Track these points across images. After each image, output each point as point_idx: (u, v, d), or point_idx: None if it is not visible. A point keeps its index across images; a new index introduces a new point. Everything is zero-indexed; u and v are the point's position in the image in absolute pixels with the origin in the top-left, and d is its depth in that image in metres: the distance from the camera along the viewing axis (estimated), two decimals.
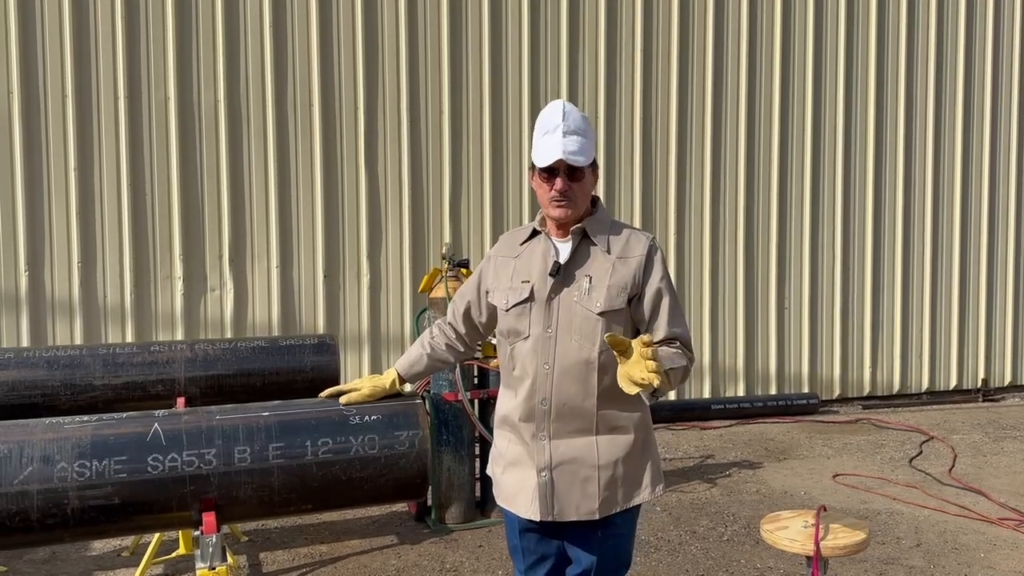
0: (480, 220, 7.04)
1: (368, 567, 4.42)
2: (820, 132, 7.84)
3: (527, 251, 2.53)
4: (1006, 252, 8.48)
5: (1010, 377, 8.59)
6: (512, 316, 2.48)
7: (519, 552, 2.59)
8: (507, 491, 2.54)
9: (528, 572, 2.59)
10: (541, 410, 2.43)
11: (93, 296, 6.24)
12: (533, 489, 2.45)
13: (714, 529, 4.94)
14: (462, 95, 6.96)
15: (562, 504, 2.44)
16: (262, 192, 6.54)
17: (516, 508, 2.51)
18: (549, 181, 2.42)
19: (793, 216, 7.82)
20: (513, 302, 2.47)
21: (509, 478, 2.53)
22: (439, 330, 2.82)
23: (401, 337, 6.83)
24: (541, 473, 2.44)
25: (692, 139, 7.51)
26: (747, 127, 7.62)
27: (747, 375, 7.76)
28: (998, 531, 4.88)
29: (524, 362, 2.46)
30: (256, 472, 2.87)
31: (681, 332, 2.46)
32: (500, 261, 2.59)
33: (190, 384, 4.37)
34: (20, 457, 2.68)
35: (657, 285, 2.44)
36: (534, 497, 2.45)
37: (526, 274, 2.49)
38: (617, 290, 2.40)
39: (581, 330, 2.40)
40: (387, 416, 3.02)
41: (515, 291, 2.48)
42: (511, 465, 2.53)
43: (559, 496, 2.44)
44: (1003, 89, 8.34)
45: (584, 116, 2.46)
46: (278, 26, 6.51)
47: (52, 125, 6.13)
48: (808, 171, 7.81)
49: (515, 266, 2.53)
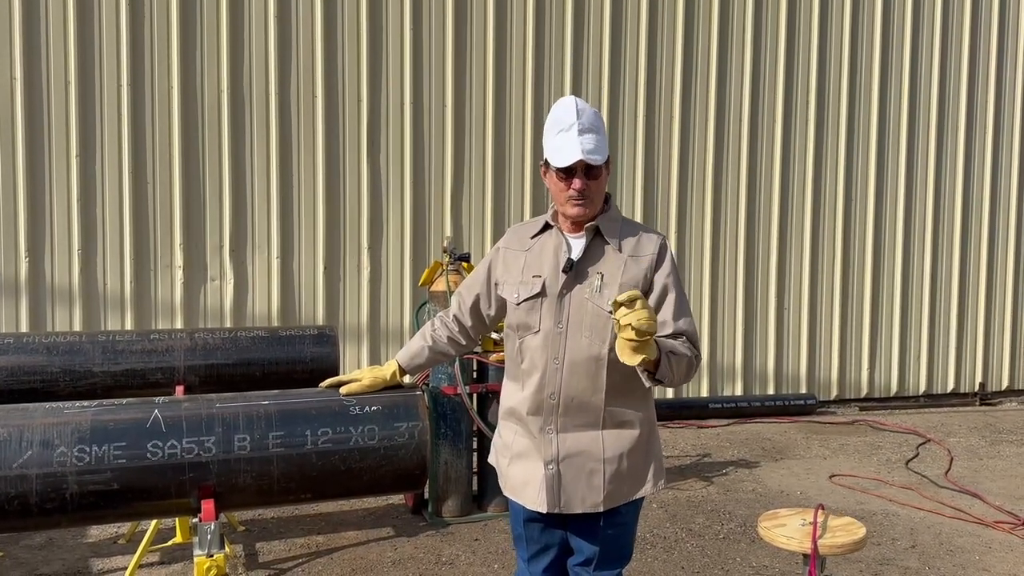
0: (481, 214, 7.04)
1: (364, 558, 4.42)
2: (822, 133, 7.83)
3: (538, 245, 2.54)
4: (1006, 256, 8.49)
5: (1007, 381, 8.60)
6: (523, 310, 2.49)
7: (523, 541, 2.61)
8: (514, 482, 2.57)
9: (531, 561, 2.61)
10: (550, 404, 2.46)
11: (93, 283, 6.23)
12: (540, 481, 2.48)
13: (710, 527, 4.94)
14: (465, 88, 6.95)
15: (568, 496, 2.47)
16: (264, 183, 6.54)
17: (523, 499, 2.54)
18: (567, 180, 2.41)
19: (794, 216, 7.82)
20: (524, 296, 2.49)
21: (516, 469, 2.56)
22: (441, 323, 2.81)
23: (400, 330, 6.83)
24: (548, 466, 2.47)
25: (695, 137, 7.51)
26: (750, 126, 7.62)
27: (745, 374, 7.77)
28: (993, 534, 4.89)
29: (533, 356, 2.48)
30: (256, 460, 2.88)
31: (687, 328, 2.46)
32: (509, 254, 2.59)
33: (189, 373, 4.37)
34: (20, 441, 2.68)
35: (664, 282, 2.46)
36: (541, 489, 2.48)
37: (537, 269, 2.50)
38: (628, 288, 2.39)
39: (592, 327, 2.42)
40: (387, 407, 3.02)
41: (526, 285, 2.49)
42: (518, 457, 2.55)
43: (565, 488, 2.47)
44: (1006, 96, 8.34)
45: (596, 112, 2.47)
46: (282, 16, 6.50)
47: (55, 112, 6.11)
48: (810, 172, 7.81)
49: (526, 259, 2.54)
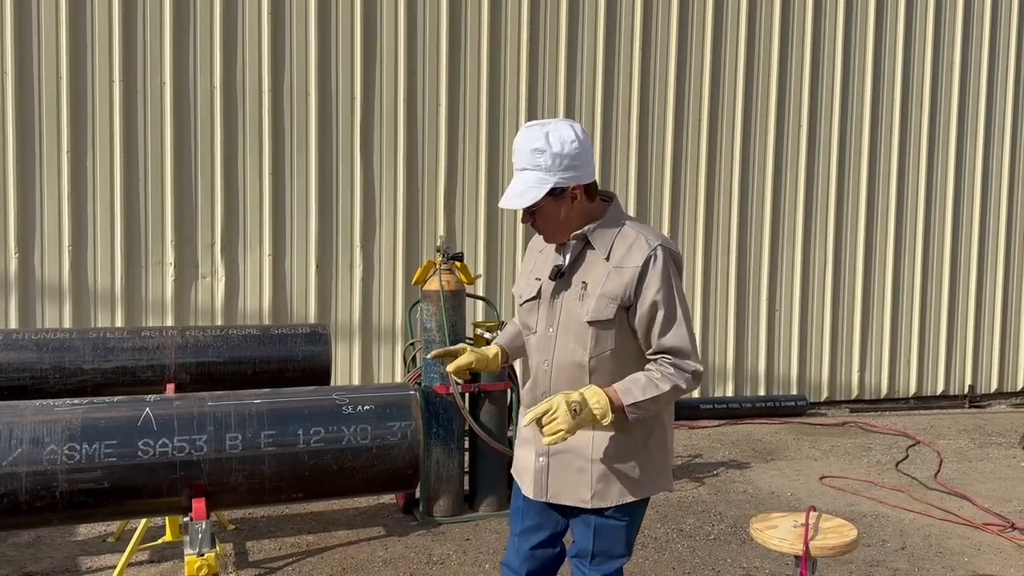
0: (475, 213, 7.03)
1: (355, 558, 4.41)
2: (815, 136, 7.85)
3: (547, 249, 2.64)
4: (995, 259, 8.52)
5: (996, 384, 8.64)
6: (524, 310, 2.64)
7: (519, 514, 2.71)
8: (517, 465, 2.74)
9: (521, 535, 2.69)
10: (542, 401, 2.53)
11: (83, 280, 6.20)
12: (532, 470, 2.61)
13: (701, 528, 4.95)
14: (459, 87, 6.94)
15: (556, 489, 2.57)
16: (256, 180, 6.51)
17: (521, 483, 2.70)
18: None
19: (786, 218, 7.84)
20: (525, 297, 2.62)
21: (520, 453, 2.72)
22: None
23: (393, 329, 6.82)
24: (539, 457, 2.59)
25: (688, 138, 7.51)
26: (743, 128, 7.63)
27: (736, 376, 7.78)
28: (982, 536, 4.91)
29: (531, 355, 2.63)
30: (247, 459, 2.87)
31: (673, 344, 2.44)
32: (530, 253, 2.74)
33: (180, 370, 4.35)
34: (9, 438, 2.66)
35: (653, 298, 2.42)
36: (532, 477, 2.61)
37: (539, 272, 2.62)
38: (607, 300, 2.43)
39: (576, 334, 2.49)
40: (380, 406, 3.02)
41: (529, 287, 2.62)
42: (523, 442, 2.71)
43: (552, 481, 2.57)
44: (997, 99, 8.37)
45: (535, 148, 2.38)
46: (276, 14, 6.47)
47: (46, 107, 6.08)
48: (802, 174, 7.83)
49: (535, 262, 2.67)
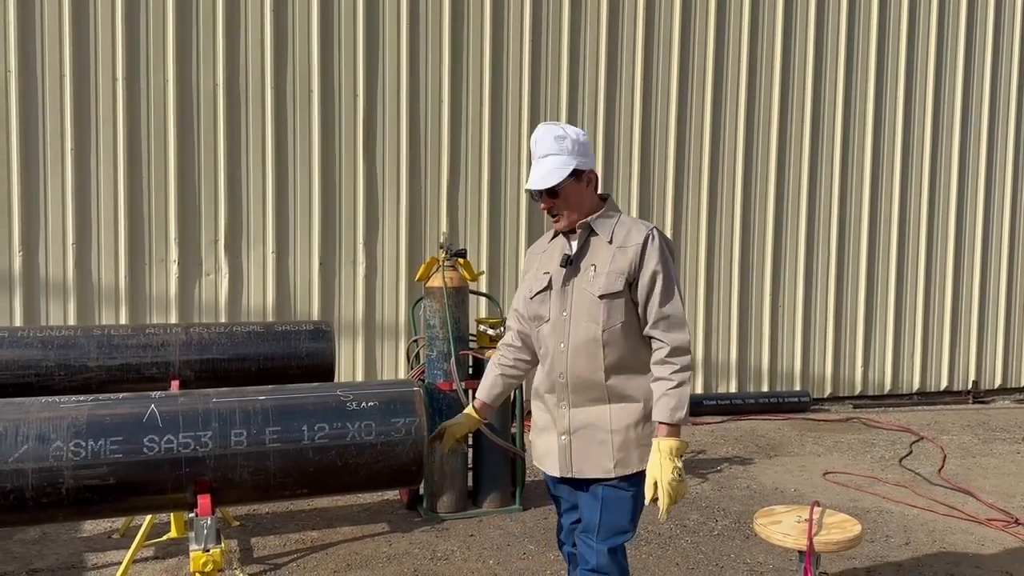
0: (477, 210, 7.03)
1: (359, 554, 4.42)
2: (818, 131, 7.85)
3: (551, 248, 2.94)
4: (999, 255, 8.51)
5: (1000, 380, 8.64)
6: (536, 303, 2.89)
7: (557, 500, 3.03)
8: (538, 452, 2.99)
9: (564, 515, 3.02)
10: (560, 383, 2.82)
11: (87, 277, 6.21)
12: (556, 450, 2.86)
13: (704, 523, 4.96)
14: (462, 85, 6.94)
15: (580, 463, 2.82)
16: (259, 177, 6.52)
17: (545, 467, 2.94)
18: (539, 201, 2.84)
19: (789, 214, 7.84)
20: (536, 290, 2.89)
21: (539, 441, 2.97)
22: (504, 347, 3.10)
23: (396, 326, 6.83)
24: (562, 436, 2.84)
25: (691, 135, 7.51)
26: (745, 125, 7.62)
27: (740, 372, 7.79)
28: (986, 531, 4.91)
29: (546, 342, 2.86)
30: (252, 455, 2.86)
31: (670, 312, 2.73)
32: (532, 259, 3.01)
33: (185, 367, 4.36)
34: (16, 435, 2.66)
35: (653, 269, 2.73)
36: (556, 457, 2.86)
37: (547, 267, 2.90)
38: (616, 275, 2.74)
39: (589, 312, 2.76)
40: (384, 403, 3.01)
41: (538, 281, 2.90)
42: (541, 431, 2.96)
43: (576, 456, 2.82)
44: (1000, 95, 8.36)
45: (557, 135, 2.75)
46: (279, 11, 6.48)
47: (49, 105, 6.09)
48: (805, 170, 7.82)
49: (541, 260, 2.95)
